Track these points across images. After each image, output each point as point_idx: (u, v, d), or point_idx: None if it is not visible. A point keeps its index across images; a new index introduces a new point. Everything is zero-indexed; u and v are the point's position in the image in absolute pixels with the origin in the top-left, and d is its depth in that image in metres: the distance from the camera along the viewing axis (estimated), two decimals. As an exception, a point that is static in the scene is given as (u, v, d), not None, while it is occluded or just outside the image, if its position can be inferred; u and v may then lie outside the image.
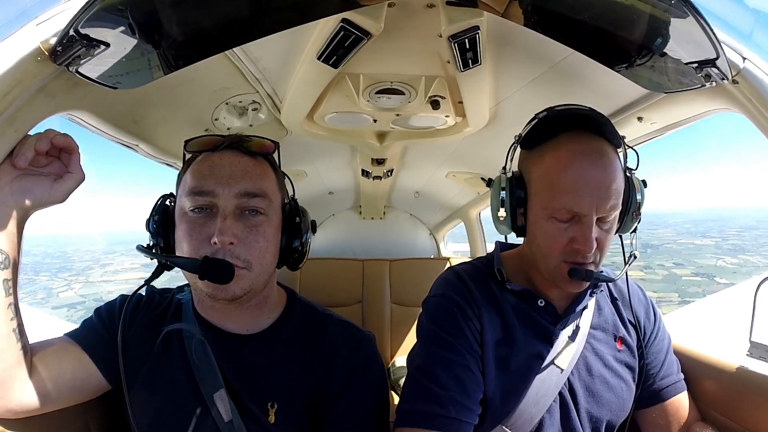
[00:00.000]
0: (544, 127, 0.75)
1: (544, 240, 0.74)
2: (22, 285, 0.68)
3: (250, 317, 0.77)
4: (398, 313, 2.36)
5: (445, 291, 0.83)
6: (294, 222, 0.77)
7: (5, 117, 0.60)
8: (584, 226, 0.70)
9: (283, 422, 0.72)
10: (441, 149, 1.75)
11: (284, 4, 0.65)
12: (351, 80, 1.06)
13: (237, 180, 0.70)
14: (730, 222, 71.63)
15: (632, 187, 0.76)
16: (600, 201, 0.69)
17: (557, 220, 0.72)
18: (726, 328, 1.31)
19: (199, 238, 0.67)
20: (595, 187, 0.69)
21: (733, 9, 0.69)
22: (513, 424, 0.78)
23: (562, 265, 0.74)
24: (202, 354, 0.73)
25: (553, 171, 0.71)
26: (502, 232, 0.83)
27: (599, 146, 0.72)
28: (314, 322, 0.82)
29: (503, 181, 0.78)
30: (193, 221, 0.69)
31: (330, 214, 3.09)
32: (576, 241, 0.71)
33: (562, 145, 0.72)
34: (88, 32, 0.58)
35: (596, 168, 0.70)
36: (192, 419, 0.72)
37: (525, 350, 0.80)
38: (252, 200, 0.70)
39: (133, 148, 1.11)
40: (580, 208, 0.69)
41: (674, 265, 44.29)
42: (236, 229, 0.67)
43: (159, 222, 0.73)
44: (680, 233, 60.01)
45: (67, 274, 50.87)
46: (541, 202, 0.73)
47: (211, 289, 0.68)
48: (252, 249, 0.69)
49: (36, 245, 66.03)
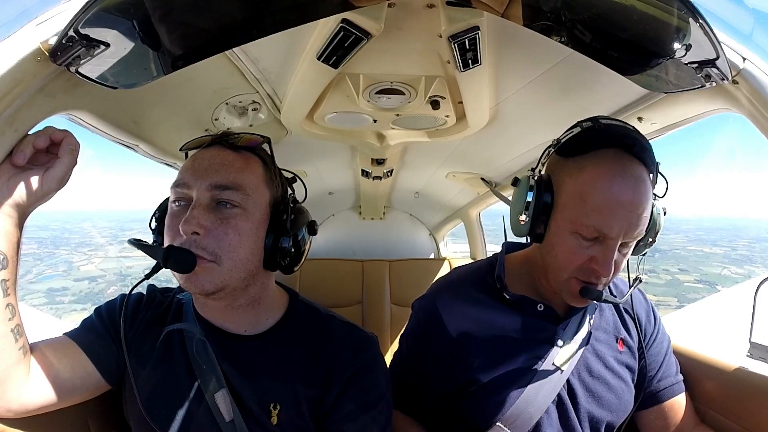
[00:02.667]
0: (586, 138, 0.73)
1: (563, 253, 0.73)
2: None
3: (246, 317, 0.77)
4: (398, 314, 2.35)
5: (418, 306, 0.90)
6: (280, 220, 0.73)
7: (5, 117, 0.60)
8: (608, 249, 0.69)
9: (286, 423, 0.72)
10: (441, 149, 1.75)
11: (284, 4, 0.65)
12: (351, 80, 1.06)
13: (212, 172, 0.69)
14: (743, 232, 72.19)
15: (653, 218, 0.75)
16: (629, 227, 0.68)
17: (581, 237, 0.70)
18: (722, 328, 1.31)
19: (174, 229, 0.68)
20: (628, 212, 0.68)
21: (733, 9, 0.69)
22: (511, 424, 0.78)
23: (573, 282, 0.73)
24: (203, 354, 0.73)
25: (588, 186, 0.69)
26: (517, 234, 0.80)
27: (639, 171, 0.69)
28: (317, 323, 0.81)
29: (531, 182, 0.75)
30: (172, 213, 0.70)
31: (330, 214, 3.09)
32: (596, 262, 0.70)
33: (603, 161, 0.69)
34: (88, 32, 0.58)
35: (634, 193, 0.68)
36: (193, 419, 0.72)
37: (523, 352, 0.80)
38: (224, 192, 0.68)
39: (133, 148, 1.11)
40: (610, 230, 0.68)
41: (679, 270, 44.67)
42: (204, 220, 0.66)
43: (158, 220, 0.75)
44: (691, 240, 60.40)
45: (87, 249, 51.92)
46: (569, 215, 0.71)
47: (182, 282, 0.68)
48: (221, 241, 0.67)
49: (53, 220, 67.32)
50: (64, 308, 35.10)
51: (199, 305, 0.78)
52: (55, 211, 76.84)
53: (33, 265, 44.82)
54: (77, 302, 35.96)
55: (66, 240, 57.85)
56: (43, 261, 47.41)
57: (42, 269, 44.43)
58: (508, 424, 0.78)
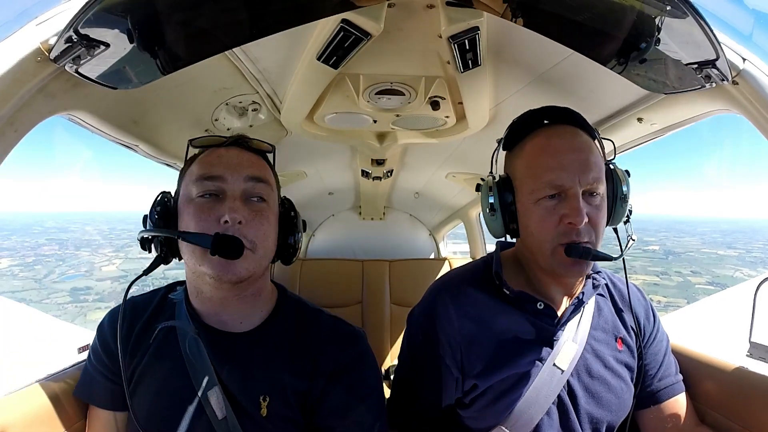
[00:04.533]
0: (521, 126, 0.80)
1: (536, 224, 0.75)
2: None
3: (245, 309, 0.78)
4: (398, 314, 2.35)
5: (418, 310, 0.89)
6: (290, 216, 0.81)
7: (5, 117, 0.60)
8: (571, 198, 0.72)
9: (276, 415, 0.73)
10: (441, 150, 1.75)
11: (284, 4, 0.65)
12: (351, 81, 1.06)
13: (245, 167, 0.74)
14: (759, 234, 72.69)
15: (616, 177, 0.79)
16: (581, 172, 0.72)
17: (545, 201, 0.74)
18: (722, 325, 1.31)
19: (208, 220, 0.69)
20: (574, 160, 0.73)
21: (733, 10, 0.69)
22: (512, 426, 0.78)
23: (558, 249, 0.74)
24: (196, 352, 0.74)
25: (532, 155, 0.76)
26: (495, 234, 0.84)
27: (572, 129, 0.77)
28: (304, 316, 0.83)
29: (490, 183, 0.82)
30: (201, 205, 0.71)
31: (330, 214, 3.09)
32: (567, 216, 0.72)
33: (539, 134, 0.77)
34: (88, 32, 0.58)
35: (572, 144, 0.74)
36: (186, 417, 0.72)
37: (523, 352, 0.80)
38: (258, 185, 0.74)
39: (133, 149, 1.11)
40: (563, 180, 0.72)
41: (691, 273, 45.13)
42: (244, 211, 0.71)
43: (161, 213, 0.75)
44: (706, 242, 61.05)
45: (107, 250, 53.47)
46: (527, 188, 0.76)
47: (218, 270, 0.69)
48: (258, 231, 0.72)
49: (73, 222, 68.00)
50: (88, 306, 36.00)
51: (197, 299, 0.78)
52: (74, 212, 78.59)
53: (56, 266, 45.96)
54: (101, 300, 36.65)
55: (87, 242, 58.95)
56: (66, 262, 48.45)
57: (64, 269, 45.57)
58: (509, 426, 0.78)
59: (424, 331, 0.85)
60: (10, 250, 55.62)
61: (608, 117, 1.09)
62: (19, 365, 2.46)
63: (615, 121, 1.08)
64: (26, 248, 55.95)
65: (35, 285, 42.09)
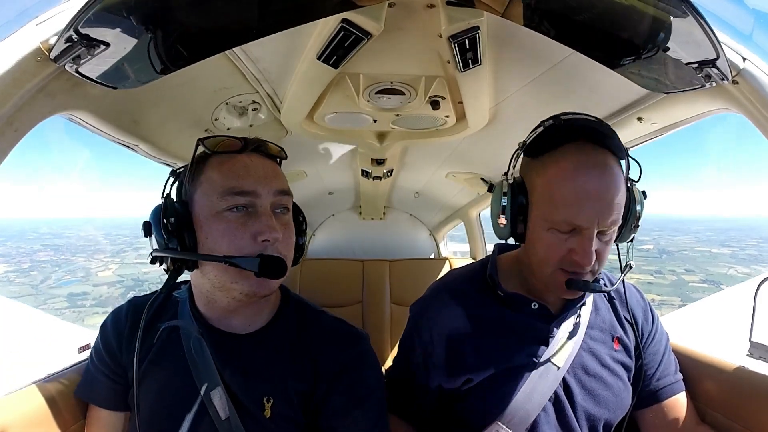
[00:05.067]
0: (548, 136, 0.74)
1: (543, 249, 0.74)
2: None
3: (253, 313, 0.78)
4: (398, 313, 2.35)
5: (415, 309, 0.91)
6: (299, 221, 0.82)
7: (5, 117, 0.60)
8: (584, 239, 0.69)
9: (279, 416, 0.73)
10: (441, 149, 1.75)
11: (284, 4, 0.65)
12: (351, 80, 1.06)
13: (273, 179, 0.73)
14: (754, 232, 72.26)
15: (633, 198, 0.75)
16: (602, 215, 0.68)
17: (557, 231, 0.71)
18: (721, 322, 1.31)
19: (244, 237, 0.68)
20: (596, 201, 0.68)
21: (733, 9, 0.69)
22: (509, 422, 0.78)
23: (558, 273, 0.74)
24: (199, 352, 0.74)
25: (554, 183, 0.70)
26: (500, 237, 0.82)
27: (603, 159, 0.70)
28: (307, 318, 0.83)
29: (505, 187, 0.77)
30: (234, 221, 0.68)
31: (330, 214, 3.09)
32: (575, 253, 0.71)
33: (566, 156, 0.70)
34: (88, 32, 0.58)
35: (599, 182, 0.68)
36: (189, 417, 0.72)
37: (518, 348, 0.81)
38: (284, 198, 0.74)
39: (133, 149, 1.11)
40: (581, 221, 0.68)
41: (685, 271, 45.10)
42: (278, 227, 0.70)
43: (176, 227, 0.68)
44: (700, 241, 60.96)
45: (103, 256, 53.47)
46: (542, 213, 0.72)
47: (255, 288, 0.69)
48: (288, 244, 0.73)
49: (67, 227, 67.98)
50: (86, 311, 35.93)
51: (206, 304, 0.77)
52: (69, 218, 79.21)
53: (52, 272, 45.88)
54: (98, 305, 36.61)
55: (82, 247, 59.02)
56: (62, 267, 48.53)
57: (60, 275, 45.72)
58: (506, 422, 0.78)
59: (417, 324, 0.88)
60: (5, 256, 55.56)
61: (608, 116, 1.09)
62: (19, 365, 2.46)
63: (615, 121, 1.08)
64: (22, 254, 55.83)
65: (32, 291, 42.07)
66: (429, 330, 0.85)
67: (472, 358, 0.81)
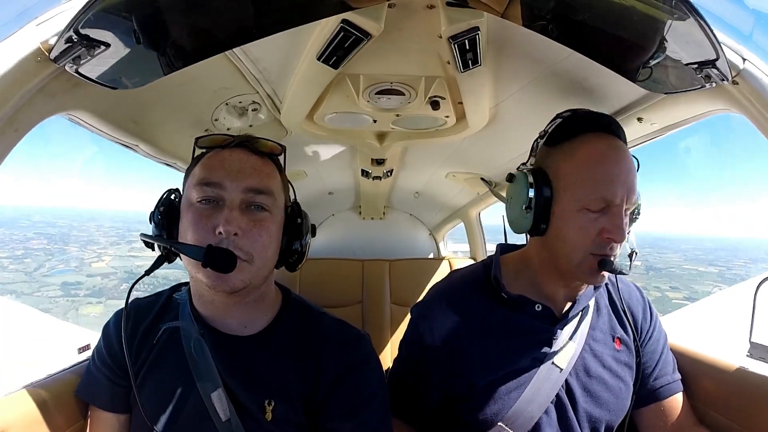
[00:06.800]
0: (570, 126, 0.79)
1: (574, 232, 0.75)
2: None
3: (248, 314, 0.78)
4: (398, 313, 2.35)
5: (416, 312, 0.91)
6: (296, 223, 0.79)
7: (5, 117, 0.60)
8: (616, 216, 0.73)
9: (280, 419, 0.72)
10: (441, 150, 1.75)
11: (284, 5, 0.65)
12: (351, 81, 1.06)
13: (245, 176, 0.72)
14: (741, 253, 73.21)
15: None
16: (629, 192, 0.73)
17: (589, 211, 0.74)
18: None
19: (205, 228, 0.68)
20: (624, 180, 0.73)
21: (733, 10, 0.69)
22: (512, 423, 0.78)
23: (590, 258, 0.74)
24: (200, 353, 0.74)
25: (587, 164, 0.75)
26: (518, 231, 0.83)
27: (622, 146, 0.77)
28: (309, 320, 0.82)
29: (530, 177, 0.78)
30: (200, 211, 0.70)
31: (330, 214, 3.09)
32: (607, 231, 0.73)
33: (593, 142, 0.76)
34: (88, 32, 0.58)
35: (624, 164, 0.75)
36: (189, 418, 0.72)
37: (521, 350, 0.80)
38: (258, 196, 0.72)
39: (133, 149, 1.11)
40: (615, 196, 0.72)
41: (670, 288, 45.86)
42: (241, 222, 0.69)
43: (164, 213, 0.74)
44: (688, 259, 61.67)
45: (96, 247, 53.37)
46: (574, 194, 0.75)
47: (212, 280, 0.68)
48: (255, 243, 0.70)
49: (60, 217, 67.83)
50: (79, 301, 36.11)
51: (199, 302, 0.78)
52: (60, 207, 79.35)
53: (45, 260, 45.95)
54: (92, 296, 36.70)
55: (75, 237, 58.97)
56: (55, 256, 48.47)
57: (54, 264, 45.69)
58: (509, 423, 0.78)
59: (418, 327, 0.87)
60: (-1, 243, 55.41)
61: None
62: (19, 365, 2.46)
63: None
64: (15, 241, 55.50)
65: (26, 278, 42.08)
66: (431, 333, 0.84)
67: (474, 362, 0.80)
